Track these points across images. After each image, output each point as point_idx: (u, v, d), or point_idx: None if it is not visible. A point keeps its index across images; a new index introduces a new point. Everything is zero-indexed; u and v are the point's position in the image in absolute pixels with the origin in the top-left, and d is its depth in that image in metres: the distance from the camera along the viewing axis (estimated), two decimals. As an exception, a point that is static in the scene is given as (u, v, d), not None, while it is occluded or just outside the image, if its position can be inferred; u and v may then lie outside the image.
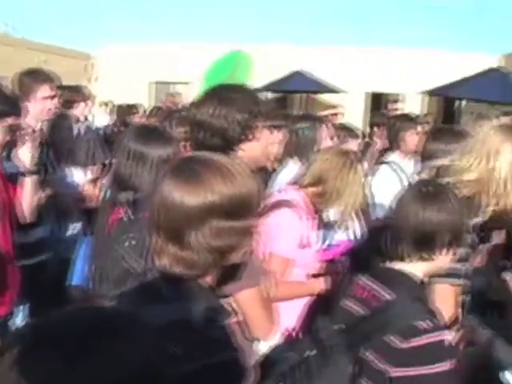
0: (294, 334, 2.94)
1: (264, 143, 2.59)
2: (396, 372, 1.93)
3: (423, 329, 1.92)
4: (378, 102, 17.90)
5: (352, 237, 3.95)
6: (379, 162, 5.42)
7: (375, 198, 4.58)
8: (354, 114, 15.41)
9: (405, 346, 1.92)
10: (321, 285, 3.21)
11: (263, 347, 2.81)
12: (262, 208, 1.96)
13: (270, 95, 14.84)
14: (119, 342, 1.01)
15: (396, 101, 10.71)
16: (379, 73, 17.47)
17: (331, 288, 3.16)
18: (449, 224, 2.10)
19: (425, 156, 3.50)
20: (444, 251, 2.14)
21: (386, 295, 2.07)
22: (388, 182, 4.80)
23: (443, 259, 2.17)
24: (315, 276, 3.26)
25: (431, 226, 2.09)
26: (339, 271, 3.27)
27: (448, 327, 2.15)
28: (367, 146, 6.74)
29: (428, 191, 2.15)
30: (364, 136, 7.01)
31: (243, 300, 2.29)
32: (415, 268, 2.14)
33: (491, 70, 13.19)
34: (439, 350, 1.93)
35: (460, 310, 2.54)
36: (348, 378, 1.95)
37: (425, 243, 2.11)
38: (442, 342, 1.94)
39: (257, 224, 1.86)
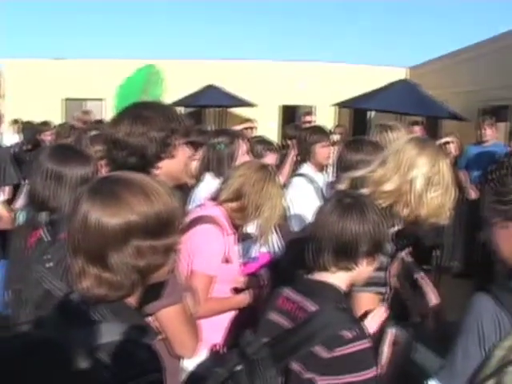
0: (219, 349, 2.93)
1: (182, 160, 2.58)
2: (322, 381, 1.95)
3: (348, 338, 1.95)
4: (291, 115, 18.13)
5: (271, 249, 3.98)
6: (293, 174, 5.47)
7: (291, 210, 4.63)
8: (268, 127, 15.57)
9: (330, 355, 1.94)
10: (244, 299, 3.22)
11: (188, 364, 2.80)
12: (183, 225, 1.95)
13: (183, 110, 14.80)
14: (45, 372, 0.98)
15: (308, 113, 10.88)
16: (291, 86, 17.74)
17: (255, 301, 3.17)
18: (368, 234, 2.15)
19: (344, 167, 3.52)
20: (365, 261, 2.19)
21: (311, 306, 2.09)
22: (303, 194, 4.85)
23: (365, 269, 2.21)
24: (238, 290, 3.27)
25: (351, 236, 2.13)
26: (261, 284, 3.29)
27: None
28: (284, 158, 6.80)
29: (347, 202, 2.18)
30: (281, 148, 7.06)
31: (166, 318, 2.27)
32: (338, 278, 2.17)
33: (400, 82, 13.60)
34: (364, 358, 1.97)
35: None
36: None
37: (345, 253, 2.15)
38: (366, 350, 1.98)
39: (179, 241, 1.85)
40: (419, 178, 2.61)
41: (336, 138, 8.37)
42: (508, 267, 1.91)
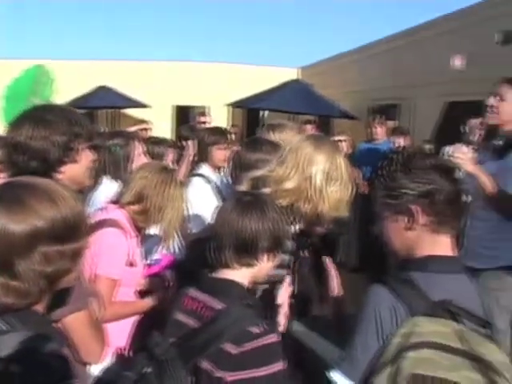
0: (125, 353, 2.91)
1: (85, 164, 2.55)
2: (232, 376, 1.98)
3: (256, 333, 2.00)
4: (185, 116, 18.09)
5: (172, 250, 3.98)
6: (190, 174, 5.47)
7: (189, 211, 4.62)
8: (162, 127, 15.47)
9: (238, 351, 1.98)
10: (149, 302, 3.21)
11: (95, 370, 2.76)
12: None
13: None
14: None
15: (203, 113, 10.89)
16: (185, 86, 17.68)
17: (160, 303, 3.17)
18: (268, 231, 2.20)
19: (243, 167, 3.51)
20: (265, 257, 2.23)
21: (217, 305, 2.12)
22: (201, 195, 4.86)
23: (266, 265, 2.26)
24: (143, 292, 3.25)
25: (251, 233, 2.18)
26: (166, 286, 3.29)
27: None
28: (180, 159, 6.78)
29: (247, 201, 2.23)
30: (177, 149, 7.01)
31: (72, 324, 2.24)
32: (240, 275, 2.21)
33: (292, 82, 13.85)
34: (272, 352, 2.02)
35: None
36: None
37: (246, 250, 2.19)
38: (274, 344, 2.02)
39: (86, 245, 1.84)
40: (318, 174, 2.69)
41: (231, 138, 8.43)
42: (399, 259, 2.02)
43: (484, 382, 1.54)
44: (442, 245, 1.93)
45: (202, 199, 4.72)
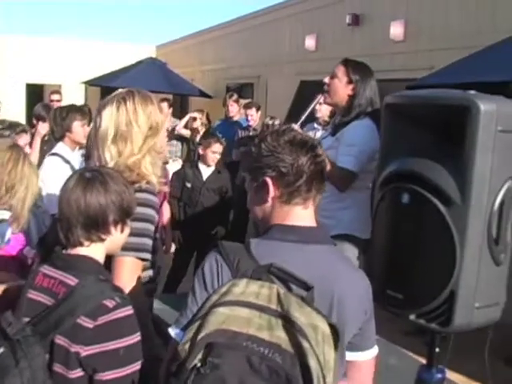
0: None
1: None
2: (87, 351, 1.98)
3: (111, 306, 2.00)
4: (38, 94, 17.44)
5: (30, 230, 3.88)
6: (50, 153, 5.31)
7: (44, 191, 4.49)
8: (14, 106, 14.87)
9: (93, 324, 1.98)
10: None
11: None
12: None
13: None
14: None
15: (57, 92, 10.55)
16: (37, 63, 17.02)
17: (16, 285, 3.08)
18: (113, 204, 2.19)
19: None
20: (115, 229, 2.25)
21: (71, 281, 2.11)
22: (58, 175, 4.73)
23: (118, 236, 2.26)
24: None
25: (96, 209, 2.16)
26: (27, 264, 3.20)
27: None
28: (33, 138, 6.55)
29: (89, 177, 2.20)
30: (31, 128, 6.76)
31: None
32: (93, 250, 2.20)
33: (147, 60, 13.76)
34: (127, 325, 2.03)
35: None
36: (42, 368, 1.96)
37: (94, 226, 2.18)
38: (129, 316, 2.04)
39: None
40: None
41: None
42: (260, 226, 2.11)
43: (291, 344, 1.65)
44: (293, 215, 2.01)
45: (58, 179, 4.60)
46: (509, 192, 2.34)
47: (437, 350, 2.61)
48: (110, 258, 2.36)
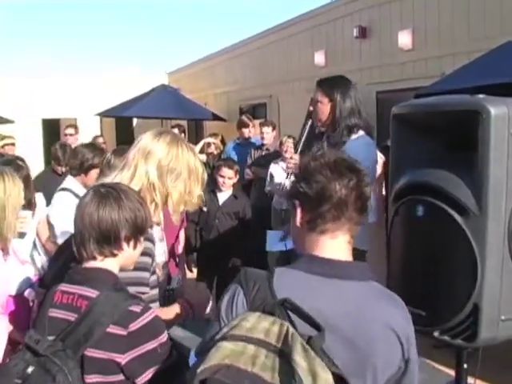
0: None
1: None
2: (126, 358, 2.00)
3: (139, 311, 2.04)
4: (55, 128, 17.58)
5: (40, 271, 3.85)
6: (60, 188, 5.27)
7: (56, 227, 4.41)
8: (31, 142, 15.02)
9: (126, 332, 2.00)
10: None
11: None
12: None
13: None
14: None
15: (71, 126, 10.58)
16: (52, 99, 17.16)
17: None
18: (126, 220, 2.19)
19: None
20: (128, 246, 2.22)
21: (89, 293, 2.10)
22: (70, 213, 4.66)
23: (130, 252, 2.25)
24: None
25: (109, 224, 2.17)
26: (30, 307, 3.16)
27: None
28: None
29: (103, 192, 2.22)
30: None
31: None
32: (106, 264, 2.20)
33: (159, 87, 13.84)
34: (156, 325, 2.08)
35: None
36: (78, 380, 1.96)
37: (105, 240, 2.18)
38: (155, 318, 2.08)
39: None
40: (152, 170, 2.57)
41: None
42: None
43: None
44: (321, 245, 1.86)
45: (69, 216, 4.54)
46: (528, 197, 2.24)
47: (465, 366, 2.52)
48: None
